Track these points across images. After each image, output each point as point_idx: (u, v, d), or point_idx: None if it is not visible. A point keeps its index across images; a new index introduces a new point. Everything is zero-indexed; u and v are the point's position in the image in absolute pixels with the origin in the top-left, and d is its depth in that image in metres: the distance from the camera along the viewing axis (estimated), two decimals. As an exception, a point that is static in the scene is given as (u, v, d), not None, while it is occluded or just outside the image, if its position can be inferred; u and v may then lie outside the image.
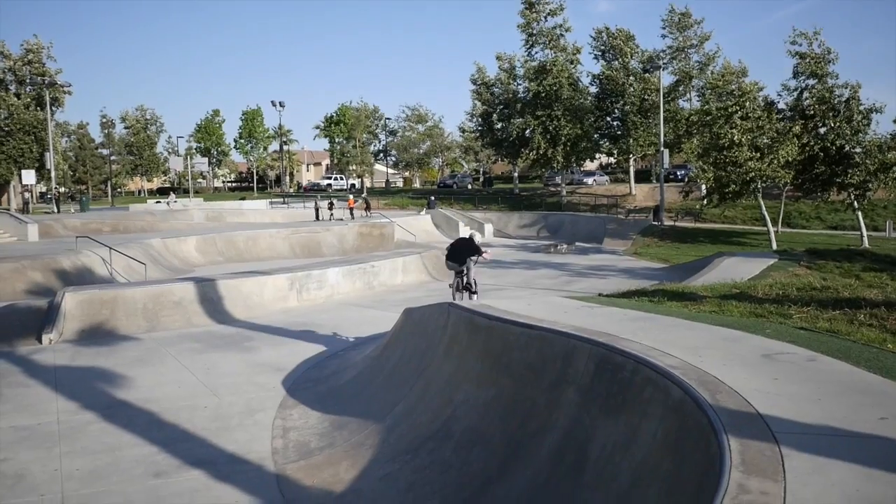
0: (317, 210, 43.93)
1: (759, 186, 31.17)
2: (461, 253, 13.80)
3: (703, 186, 35.01)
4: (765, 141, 30.79)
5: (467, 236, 14.77)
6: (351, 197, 48.39)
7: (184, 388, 9.35)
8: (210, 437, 7.47)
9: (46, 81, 52.40)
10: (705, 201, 36.98)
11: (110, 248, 21.01)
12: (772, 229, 32.05)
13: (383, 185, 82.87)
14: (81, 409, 8.43)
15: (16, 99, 52.00)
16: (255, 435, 7.52)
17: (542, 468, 5.14)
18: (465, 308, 7.84)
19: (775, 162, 30.27)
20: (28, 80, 53.99)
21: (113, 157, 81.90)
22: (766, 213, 32.26)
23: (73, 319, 12.82)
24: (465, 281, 13.87)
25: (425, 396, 7.31)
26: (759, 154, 30.61)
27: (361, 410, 7.85)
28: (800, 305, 7.62)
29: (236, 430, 7.69)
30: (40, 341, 12.12)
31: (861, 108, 32.07)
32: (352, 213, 44.06)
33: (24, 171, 47.89)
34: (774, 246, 29.64)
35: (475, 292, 13.78)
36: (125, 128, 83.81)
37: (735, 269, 17.66)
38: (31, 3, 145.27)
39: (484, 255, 14.07)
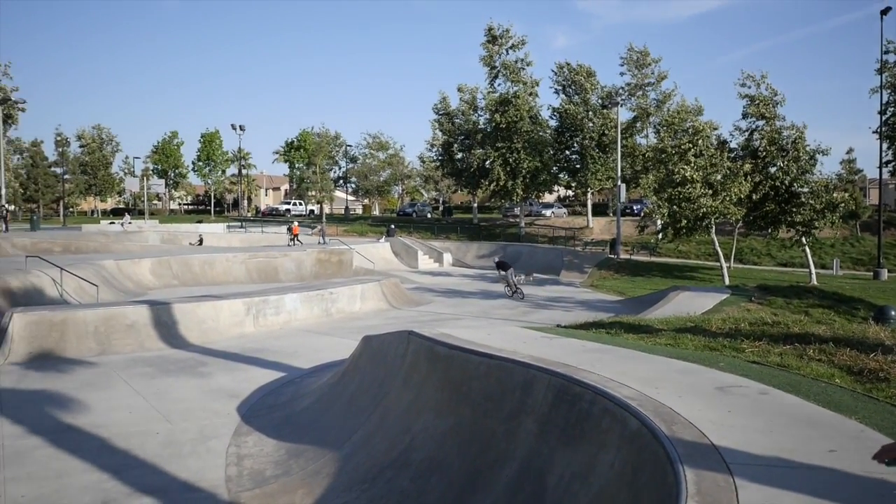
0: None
1: (711, 222, 31.89)
2: (505, 265, 26.45)
3: (659, 221, 35.68)
4: (717, 178, 31.57)
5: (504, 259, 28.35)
6: (296, 223, 48.10)
7: (135, 413, 9.14)
8: (162, 463, 7.31)
9: (0, 97, 51.36)
10: (660, 236, 37.68)
11: (61, 268, 20.50)
12: (724, 265, 32.74)
13: (342, 212, 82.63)
14: (28, 433, 8.18)
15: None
16: (209, 462, 7.39)
17: (500, 498, 5.15)
18: (426, 337, 7.85)
19: (727, 199, 31.05)
20: (-19, 96, 52.88)
21: (67, 176, 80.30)
22: (719, 249, 32.97)
23: (20, 341, 12.47)
24: (512, 282, 25.91)
25: (383, 425, 7.28)
26: (711, 191, 31.37)
27: (318, 438, 7.77)
28: (752, 340, 7.80)
29: (189, 457, 7.54)
30: (-15, 363, 11.76)
31: (807, 148, 33.17)
32: (294, 241, 43.45)
33: (-28, 189, 46.66)
34: (727, 281, 30.27)
35: (518, 290, 25.83)
36: (80, 146, 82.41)
37: (689, 304, 18.00)
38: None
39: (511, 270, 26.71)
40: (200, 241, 42.47)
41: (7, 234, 38.82)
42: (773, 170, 33.66)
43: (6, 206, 51.18)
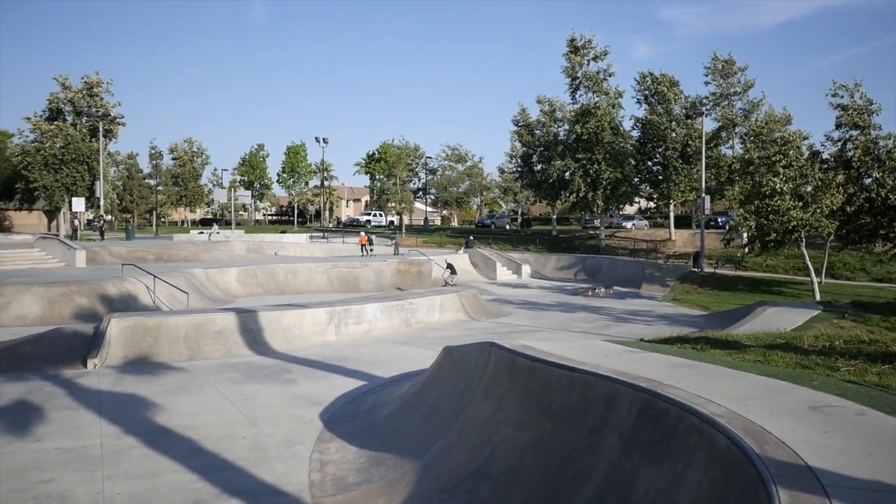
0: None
1: (801, 236, 30.71)
2: (454, 269, 33.29)
3: (745, 234, 34.61)
4: (808, 190, 30.44)
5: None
6: (363, 234, 48.62)
7: (223, 417, 9.45)
8: (249, 466, 7.53)
9: (101, 113, 54.14)
10: (747, 249, 36.54)
11: (154, 276, 21.43)
12: (815, 280, 31.45)
13: (422, 223, 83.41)
14: (124, 433, 8.57)
15: (73, 129, 53.83)
16: (293, 467, 7.57)
17: (582, 513, 5.09)
18: (507, 348, 7.84)
19: (819, 211, 29.88)
20: (85, 112, 55.83)
21: (159, 188, 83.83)
22: (809, 263, 31.70)
23: (117, 345, 13.07)
24: (450, 283, 31.69)
25: (464, 436, 7.30)
26: (801, 203, 30.25)
27: (399, 447, 7.85)
28: (847, 358, 7.47)
29: (274, 461, 7.75)
30: (85, 365, 12.37)
31: (905, 159, 31.65)
32: (363, 250, 43.54)
33: (74, 199, 49.33)
34: (818, 297, 29.08)
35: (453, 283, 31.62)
36: (173, 159, 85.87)
37: (778, 319, 17.38)
38: (90, 37, 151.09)
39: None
40: (369, 242, 44.56)
41: (105, 243, 40.81)
42: (868, 181, 32.23)
43: (104, 216, 53.87)
